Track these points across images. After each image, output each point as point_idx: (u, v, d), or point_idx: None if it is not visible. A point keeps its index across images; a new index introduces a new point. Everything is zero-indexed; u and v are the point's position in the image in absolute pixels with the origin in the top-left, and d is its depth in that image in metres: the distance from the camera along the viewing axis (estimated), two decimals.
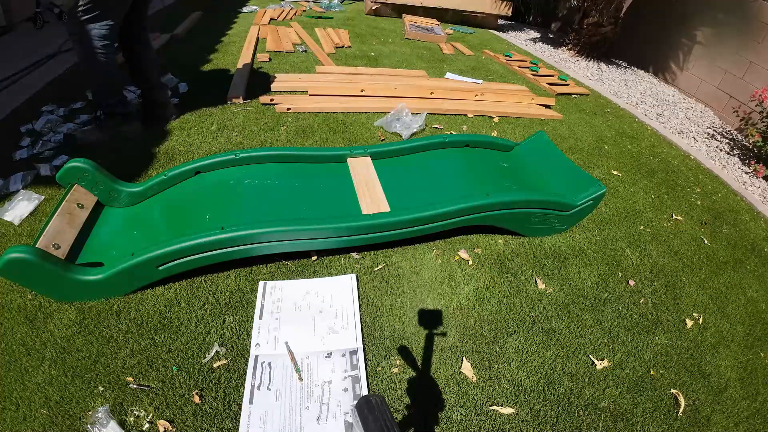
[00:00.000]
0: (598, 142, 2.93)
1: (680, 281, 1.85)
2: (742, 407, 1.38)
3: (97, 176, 1.56)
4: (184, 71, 3.12)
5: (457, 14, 5.85)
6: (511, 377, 1.34)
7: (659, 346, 1.54)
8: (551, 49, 5.30)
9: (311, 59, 3.68)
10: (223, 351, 1.29)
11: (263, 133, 2.47)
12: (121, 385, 1.17)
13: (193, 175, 1.73)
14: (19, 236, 1.59)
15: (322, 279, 1.58)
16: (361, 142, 2.51)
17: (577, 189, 1.84)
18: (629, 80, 4.47)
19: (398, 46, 4.46)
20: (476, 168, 2.00)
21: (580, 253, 1.88)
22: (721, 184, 2.73)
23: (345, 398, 1.21)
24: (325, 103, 2.83)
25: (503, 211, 1.71)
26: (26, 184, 1.85)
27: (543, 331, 1.50)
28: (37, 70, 3.06)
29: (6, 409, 1.09)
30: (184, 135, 2.35)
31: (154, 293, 1.43)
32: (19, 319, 1.31)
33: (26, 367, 1.19)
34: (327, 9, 5.78)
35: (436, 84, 3.41)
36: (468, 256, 1.77)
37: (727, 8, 3.77)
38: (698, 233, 2.18)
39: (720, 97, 3.87)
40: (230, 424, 1.12)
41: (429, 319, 1.49)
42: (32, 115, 2.37)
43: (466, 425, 1.19)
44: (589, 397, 1.32)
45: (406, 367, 1.32)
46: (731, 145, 3.36)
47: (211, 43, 3.86)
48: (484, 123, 2.95)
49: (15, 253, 1.17)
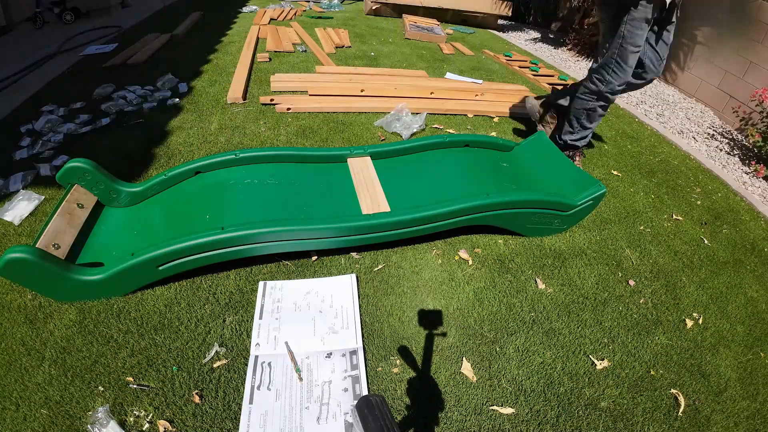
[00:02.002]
0: (598, 142, 2.93)
1: (680, 281, 1.85)
2: (742, 407, 1.38)
3: (97, 176, 1.56)
4: (184, 71, 3.12)
5: (457, 14, 5.85)
6: (511, 377, 1.34)
7: (659, 346, 1.54)
8: (551, 49, 5.30)
9: (311, 59, 3.68)
10: (223, 351, 1.29)
11: (263, 133, 2.47)
12: (121, 385, 1.17)
13: (193, 175, 1.73)
14: (19, 236, 1.59)
15: (322, 279, 1.58)
16: (361, 142, 2.51)
17: (577, 189, 1.84)
18: None
19: (398, 46, 4.46)
20: (476, 168, 2.00)
21: (580, 253, 1.88)
22: (721, 184, 2.73)
23: (345, 398, 1.21)
24: (325, 103, 2.83)
25: (503, 211, 1.71)
26: (26, 184, 1.85)
27: (543, 331, 1.50)
28: (37, 70, 3.06)
29: (6, 409, 1.09)
30: (184, 135, 2.35)
31: (154, 293, 1.43)
32: (19, 319, 1.31)
33: (26, 367, 1.19)
34: (327, 9, 5.78)
35: (436, 84, 3.41)
36: (468, 256, 1.77)
37: (727, 8, 3.77)
38: (698, 233, 2.18)
39: (720, 97, 3.87)
40: (230, 424, 1.12)
41: (429, 319, 1.49)
42: (32, 115, 2.38)
43: (466, 425, 1.19)
44: (589, 397, 1.31)
45: (406, 367, 1.32)
46: (731, 145, 3.35)
47: (211, 43, 3.86)
48: (484, 123, 2.95)
49: (15, 253, 1.17)
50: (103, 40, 3.77)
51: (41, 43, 3.59)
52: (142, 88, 2.79)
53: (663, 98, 4.08)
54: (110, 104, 2.52)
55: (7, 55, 3.27)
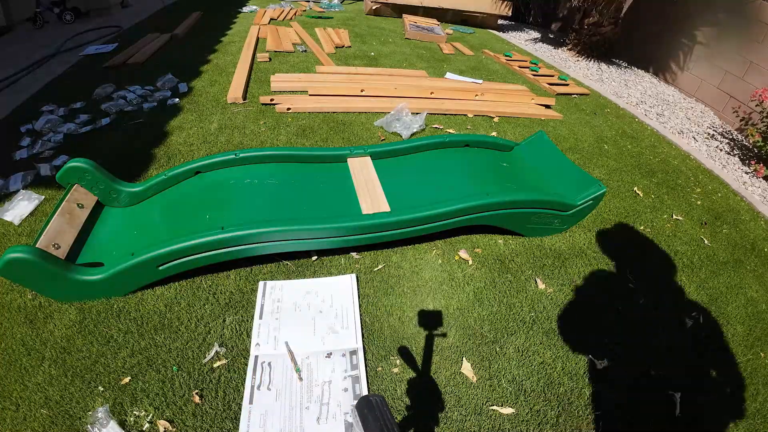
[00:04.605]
0: (598, 142, 2.93)
1: (680, 281, 1.84)
2: (743, 407, 1.38)
3: (97, 176, 1.56)
4: (184, 71, 3.12)
5: (457, 14, 5.86)
6: (511, 377, 1.34)
7: (659, 346, 1.54)
8: (551, 49, 5.30)
9: (311, 59, 3.68)
10: (223, 351, 1.29)
11: (263, 133, 2.47)
12: (121, 385, 1.17)
13: (193, 175, 1.73)
14: (19, 236, 1.59)
15: (322, 279, 1.58)
16: (361, 142, 2.51)
17: (577, 189, 1.84)
18: (629, 80, 4.47)
19: (398, 46, 4.46)
20: (476, 168, 2.00)
21: (580, 253, 1.88)
22: (721, 184, 2.73)
23: (345, 398, 1.21)
24: (325, 103, 2.83)
25: (503, 211, 1.71)
26: (26, 184, 1.85)
27: (543, 331, 1.50)
28: (37, 70, 3.06)
29: (6, 409, 1.09)
30: (184, 135, 2.35)
31: (154, 293, 1.43)
32: (19, 319, 1.31)
33: (26, 367, 1.19)
34: (327, 9, 5.78)
35: (436, 84, 3.40)
36: (468, 256, 1.77)
37: (727, 8, 3.77)
38: (698, 233, 2.18)
39: (720, 97, 3.87)
40: (230, 424, 1.12)
41: (429, 319, 1.49)
42: (32, 115, 2.38)
43: (466, 425, 1.19)
44: (589, 397, 1.31)
45: (406, 367, 1.32)
46: (731, 145, 3.35)
47: (211, 43, 3.86)
48: (484, 123, 2.95)
49: (15, 253, 1.17)
50: (103, 40, 3.77)
51: (41, 43, 3.59)
52: (142, 88, 2.79)
53: (663, 98, 4.08)
54: (110, 104, 2.52)
55: (7, 55, 3.27)
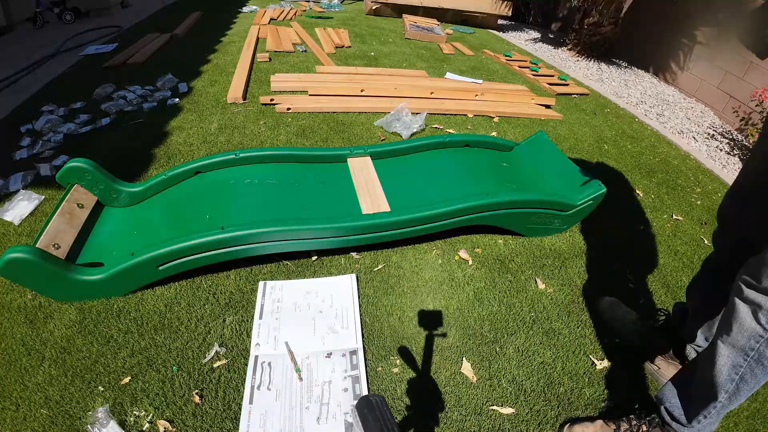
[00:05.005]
0: (598, 142, 2.93)
1: (680, 281, 1.84)
2: (742, 407, 1.38)
3: (97, 176, 1.56)
4: (184, 71, 3.12)
5: (457, 14, 5.86)
6: (511, 377, 1.34)
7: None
8: (551, 49, 5.30)
9: (311, 59, 3.68)
10: (223, 351, 1.29)
11: (263, 133, 2.47)
12: (121, 385, 1.17)
13: (193, 175, 1.73)
14: (19, 236, 1.59)
15: (322, 279, 1.58)
16: (361, 142, 2.51)
17: (577, 189, 1.84)
18: (629, 80, 4.47)
19: (398, 46, 4.46)
20: (476, 168, 2.00)
21: (580, 253, 1.88)
22: (721, 184, 2.73)
23: (345, 398, 1.21)
24: (325, 103, 2.83)
25: (503, 211, 1.71)
26: (26, 184, 1.85)
27: (543, 331, 1.50)
28: (37, 70, 3.06)
29: (6, 409, 1.09)
30: (184, 135, 2.35)
31: (154, 293, 1.43)
32: (19, 319, 1.31)
33: (26, 367, 1.19)
34: (327, 9, 5.78)
35: (436, 84, 3.40)
36: (468, 256, 1.77)
37: (727, 8, 3.77)
38: (698, 233, 2.18)
39: (720, 97, 3.87)
40: (230, 424, 1.12)
41: (429, 319, 1.49)
42: (32, 115, 2.38)
43: (466, 425, 1.19)
44: (589, 397, 1.31)
45: (406, 367, 1.32)
46: (731, 145, 3.35)
47: (211, 43, 3.86)
48: (484, 123, 2.95)
49: (15, 253, 1.17)
50: (103, 40, 3.77)
51: (41, 43, 3.59)
52: (142, 88, 2.79)
53: (663, 98, 4.08)
54: (110, 104, 2.52)
55: (7, 55, 3.27)
